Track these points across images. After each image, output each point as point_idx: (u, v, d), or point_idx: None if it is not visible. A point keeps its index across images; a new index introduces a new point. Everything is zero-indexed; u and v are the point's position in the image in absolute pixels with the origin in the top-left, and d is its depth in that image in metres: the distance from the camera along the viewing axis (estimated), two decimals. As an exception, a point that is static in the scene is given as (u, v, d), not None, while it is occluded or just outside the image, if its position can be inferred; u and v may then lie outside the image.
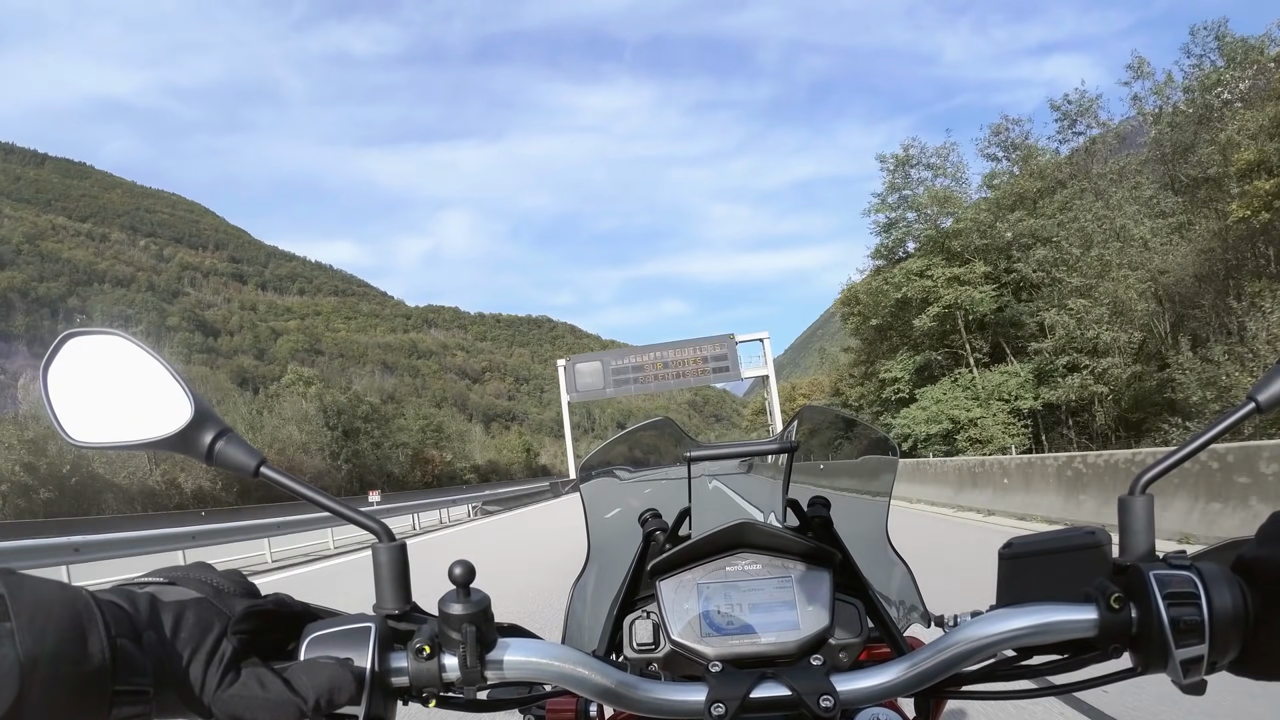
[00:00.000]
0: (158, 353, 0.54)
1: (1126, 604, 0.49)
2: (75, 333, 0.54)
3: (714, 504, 0.84)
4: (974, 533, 9.03)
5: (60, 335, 0.54)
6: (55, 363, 0.54)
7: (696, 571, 0.64)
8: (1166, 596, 0.47)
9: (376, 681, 0.48)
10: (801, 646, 0.59)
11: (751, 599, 0.62)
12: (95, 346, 0.55)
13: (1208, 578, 0.48)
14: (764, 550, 0.64)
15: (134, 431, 0.53)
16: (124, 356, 0.54)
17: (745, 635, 0.60)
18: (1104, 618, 0.49)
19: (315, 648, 0.48)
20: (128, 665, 0.40)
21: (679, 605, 0.62)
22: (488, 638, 0.50)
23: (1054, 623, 0.50)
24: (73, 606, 0.39)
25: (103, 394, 0.54)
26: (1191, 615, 0.47)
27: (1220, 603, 0.47)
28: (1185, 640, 0.47)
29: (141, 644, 0.41)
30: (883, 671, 0.53)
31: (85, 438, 0.54)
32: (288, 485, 0.53)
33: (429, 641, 0.49)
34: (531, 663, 0.51)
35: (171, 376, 0.54)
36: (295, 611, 0.51)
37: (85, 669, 0.37)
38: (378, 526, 0.52)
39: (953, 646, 0.52)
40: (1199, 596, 0.47)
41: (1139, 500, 0.52)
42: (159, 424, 0.53)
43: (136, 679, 0.40)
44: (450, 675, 0.49)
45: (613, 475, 0.89)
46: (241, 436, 0.54)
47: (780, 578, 0.63)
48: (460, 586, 0.48)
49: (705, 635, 0.60)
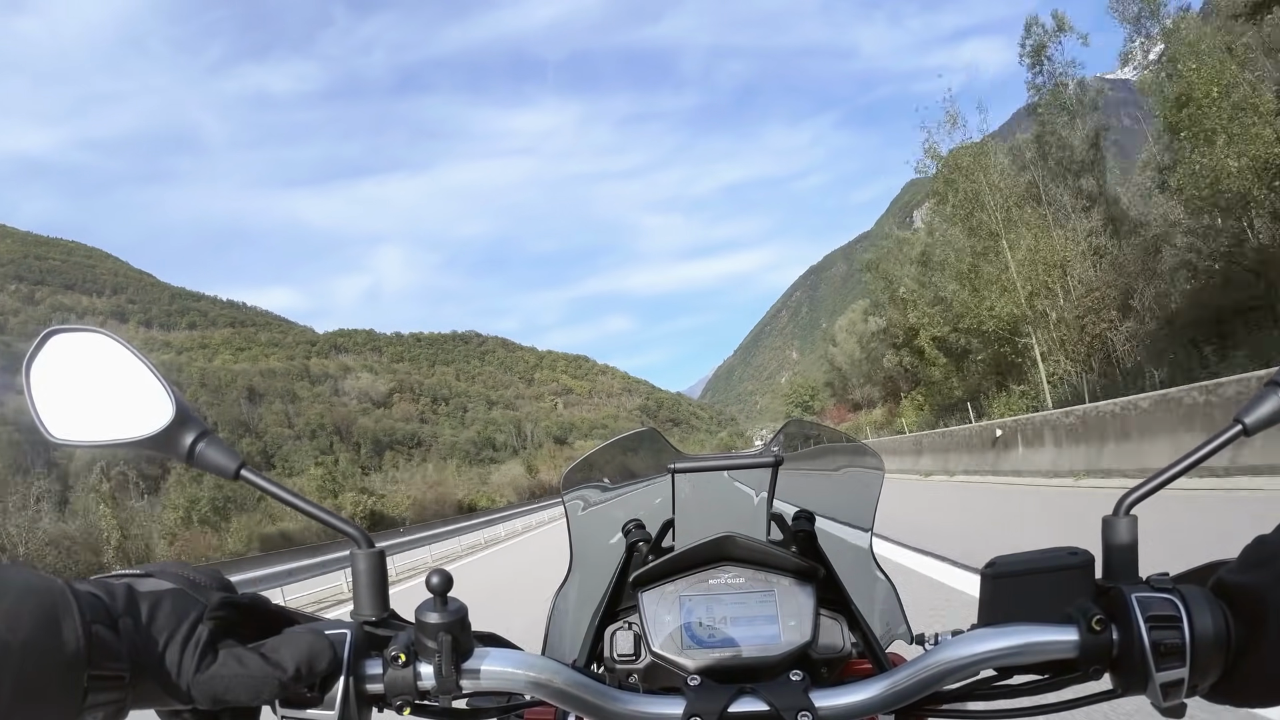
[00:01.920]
0: (141, 352, 0.54)
1: (1108, 626, 0.49)
2: (58, 329, 0.54)
3: (701, 511, 0.83)
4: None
5: (43, 332, 0.54)
6: (38, 360, 0.53)
7: (679, 583, 0.64)
8: (1148, 619, 0.47)
9: (351, 688, 0.47)
10: (783, 661, 0.59)
11: (734, 612, 0.62)
12: (78, 344, 0.54)
13: (1190, 601, 0.47)
14: (747, 563, 0.64)
15: (115, 430, 0.53)
16: (107, 355, 0.54)
17: (726, 648, 0.60)
18: (1085, 639, 0.49)
19: None
20: (103, 651, 0.40)
21: (660, 617, 0.62)
22: (464, 647, 0.49)
23: (1035, 643, 0.50)
24: (48, 594, 0.38)
25: (85, 392, 0.54)
26: (1172, 639, 0.46)
27: (1202, 627, 0.46)
28: (1166, 663, 0.46)
29: (118, 630, 0.41)
30: (862, 689, 0.52)
31: (67, 436, 0.53)
32: (267, 489, 0.53)
33: (405, 649, 0.48)
34: (508, 673, 0.50)
35: (154, 376, 0.53)
36: (271, 612, 0.51)
37: (59, 655, 0.37)
38: (356, 533, 0.52)
39: (934, 665, 0.51)
40: (1181, 620, 0.47)
41: (1122, 521, 0.52)
42: (140, 423, 0.53)
43: (111, 664, 0.40)
44: (426, 684, 0.49)
45: (597, 486, 0.89)
46: (221, 439, 0.54)
47: (763, 591, 0.63)
48: (437, 595, 0.47)
49: (686, 647, 0.60)
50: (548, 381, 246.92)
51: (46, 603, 0.38)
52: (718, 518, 0.80)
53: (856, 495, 0.84)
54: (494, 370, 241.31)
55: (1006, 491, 10.88)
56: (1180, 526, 4.80)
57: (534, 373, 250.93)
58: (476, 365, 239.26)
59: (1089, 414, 10.55)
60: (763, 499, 0.82)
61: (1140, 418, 9.03)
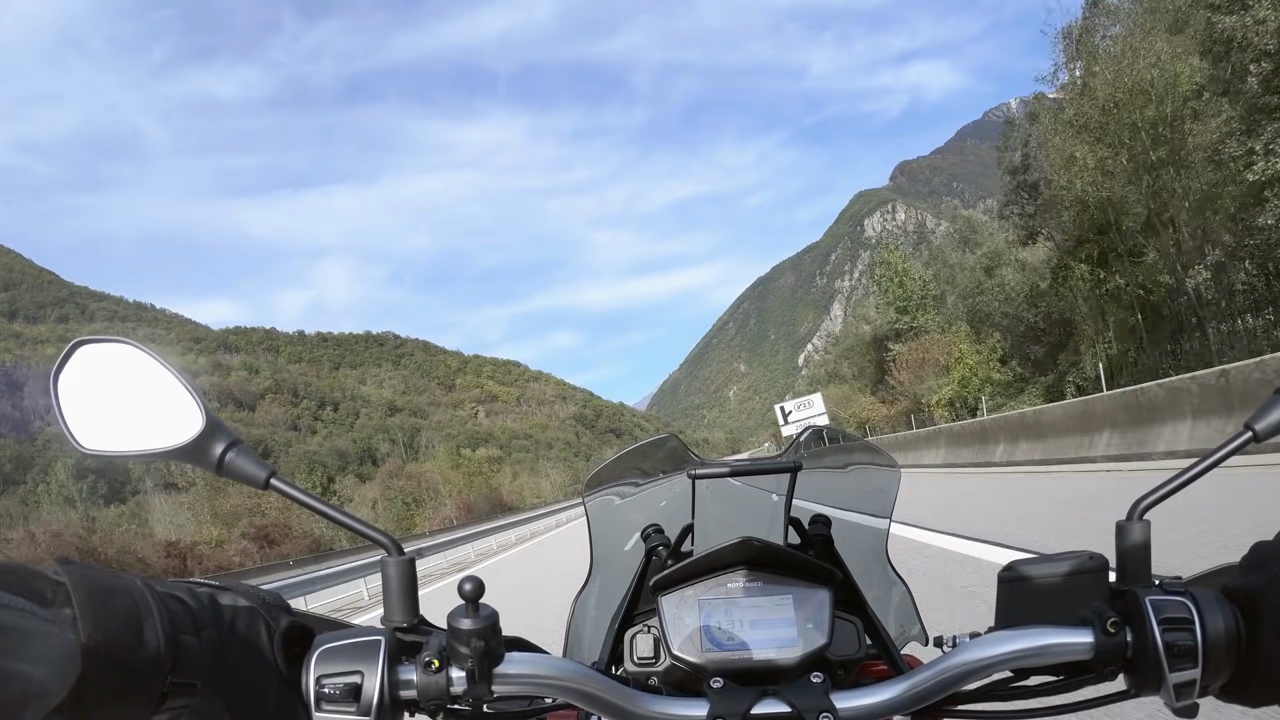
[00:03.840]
0: (169, 362, 0.54)
1: (1122, 628, 0.50)
2: (85, 340, 0.54)
3: (720, 515, 0.86)
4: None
5: (71, 343, 0.54)
6: (65, 371, 0.53)
7: (698, 587, 0.64)
8: (1161, 621, 0.48)
9: (386, 693, 0.48)
10: (801, 663, 0.59)
11: (752, 615, 0.62)
12: (106, 354, 0.54)
13: (1202, 603, 0.49)
14: (765, 567, 0.65)
15: (145, 441, 0.53)
16: (135, 365, 0.54)
17: (745, 651, 0.60)
18: (1100, 641, 0.50)
19: (325, 658, 0.49)
20: (185, 658, 0.41)
21: (680, 620, 0.63)
22: (495, 652, 0.50)
23: (1051, 645, 0.51)
24: (129, 596, 0.40)
25: (114, 403, 0.54)
26: (1185, 640, 0.48)
27: (1214, 628, 0.48)
28: (1179, 664, 0.48)
29: (201, 640, 0.43)
30: (882, 690, 0.53)
31: (96, 446, 0.54)
32: (297, 498, 0.54)
33: (437, 655, 0.49)
34: (537, 676, 0.51)
35: (183, 386, 0.54)
36: (312, 621, 0.53)
37: (141, 657, 0.39)
38: (388, 541, 0.53)
39: (952, 667, 0.52)
40: (1193, 622, 0.48)
41: (1136, 526, 0.53)
42: (170, 434, 0.53)
43: (190, 672, 0.41)
44: (457, 688, 0.50)
45: (617, 491, 0.91)
46: (251, 449, 0.54)
47: (780, 595, 0.63)
48: (469, 602, 0.48)
49: (705, 650, 0.61)
50: (470, 388, 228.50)
51: (128, 605, 0.39)
52: (736, 522, 0.82)
53: (873, 498, 0.86)
54: (409, 374, 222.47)
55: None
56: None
57: (455, 378, 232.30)
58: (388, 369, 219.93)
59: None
60: (780, 503, 0.84)
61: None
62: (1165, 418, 8.72)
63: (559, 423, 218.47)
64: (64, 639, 0.36)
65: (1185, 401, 8.36)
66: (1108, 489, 7.29)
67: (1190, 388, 8.30)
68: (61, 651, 0.36)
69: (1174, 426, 8.51)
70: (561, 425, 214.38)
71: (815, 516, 0.80)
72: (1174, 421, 8.53)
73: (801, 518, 0.82)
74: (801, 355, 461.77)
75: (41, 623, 0.36)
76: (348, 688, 0.47)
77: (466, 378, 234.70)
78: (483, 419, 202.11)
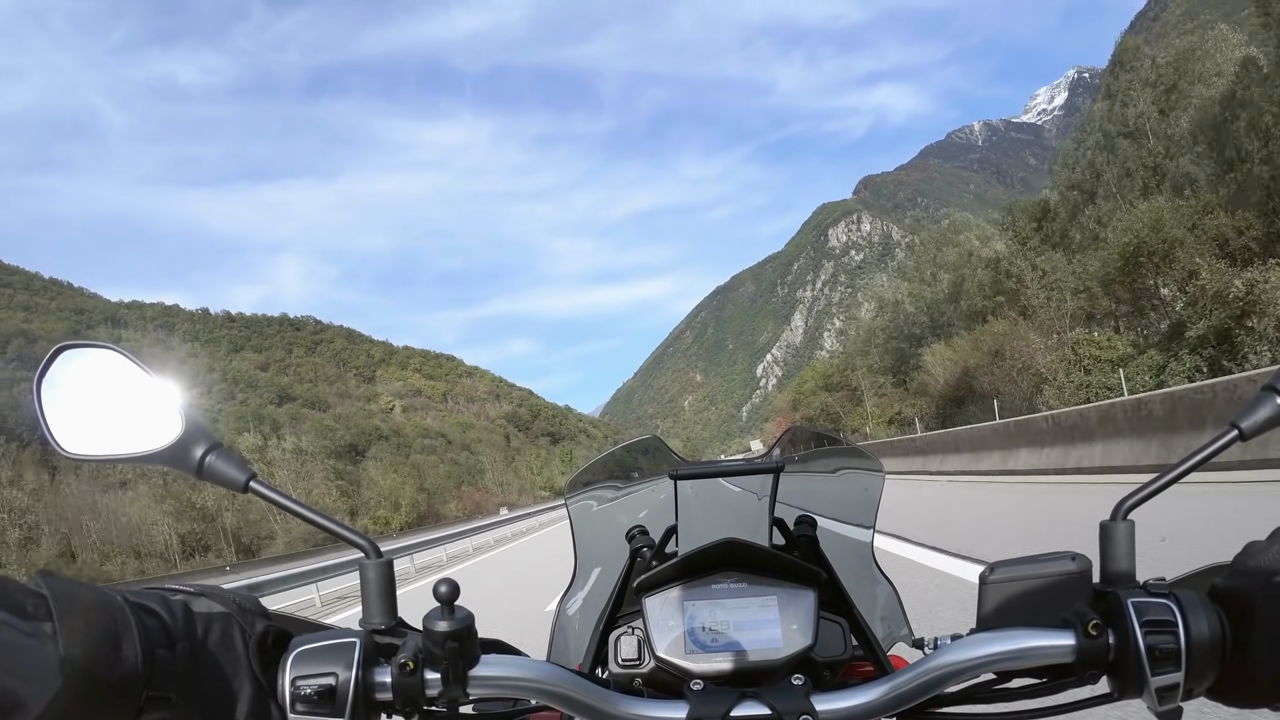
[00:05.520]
0: (150, 367, 0.54)
1: (1104, 630, 0.50)
2: (68, 345, 0.55)
3: (704, 516, 0.86)
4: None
5: (53, 348, 0.54)
6: (48, 375, 0.54)
7: (682, 589, 0.65)
8: (1144, 624, 0.48)
9: (360, 695, 0.48)
10: (785, 665, 0.59)
11: (736, 617, 0.62)
12: (88, 359, 0.55)
13: (1186, 606, 0.48)
14: (750, 568, 0.65)
15: (126, 445, 0.54)
16: (116, 370, 0.55)
17: (729, 652, 0.60)
18: (1081, 644, 0.50)
19: (301, 660, 0.49)
20: (161, 672, 0.41)
21: (664, 622, 0.63)
22: (470, 654, 0.50)
23: (1032, 648, 0.51)
24: (108, 611, 0.40)
25: (95, 407, 0.55)
26: (1167, 643, 0.47)
27: (1197, 631, 0.47)
28: (1161, 667, 0.47)
29: (175, 652, 0.43)
30: (863, 692, 0.53)
31: (78, 450, 0.54)
32: (276, 500, 0.54)
33: (412, 657, 0.49)
34: (513, 678, 0.51)
35: (163, 391, 0.54)
36: (289, 622, 0.53)
37: (118, 672, 0.39)
38: (365, 543, 0.53)
39: (933, 669, 0.52)
40: (1176, 624, 0.48)
41: (1120, 526, 0.53)
42: (150, 438, 0.54)
43: (166, 686, 0.41)
44: (433, 690, 0.50)
45: (599, 492, 0.91)
46: (230, 452, 0.55)
47: (765, 596, 0.63)
48: (444, 604, 0.49)
49: (690, 652, 0.61)
50: (392, 380, 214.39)
51: (107, 620, 0.39)
52: (720, 523, 0.83)
53: (857, 498, 0.85)
54: (322, 363, 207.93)
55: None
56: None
57: (377, 369, 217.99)
58: (300, 356, 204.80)
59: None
60: (765, 504, 0.84)
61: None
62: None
63: (487, 421, 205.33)
64: (43, 653, 0.36)
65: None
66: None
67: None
68: (41, 665, 0.35)
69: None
70: (490, 425, 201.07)
71: (800, 517, 0.81)
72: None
73: (787, 519, 0.82)
74: (760, 365, 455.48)
75: (22, 636, 0.36)
76: (323, 689, 0.47)
77: (389, 369, 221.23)
78: (398, 415, 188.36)
